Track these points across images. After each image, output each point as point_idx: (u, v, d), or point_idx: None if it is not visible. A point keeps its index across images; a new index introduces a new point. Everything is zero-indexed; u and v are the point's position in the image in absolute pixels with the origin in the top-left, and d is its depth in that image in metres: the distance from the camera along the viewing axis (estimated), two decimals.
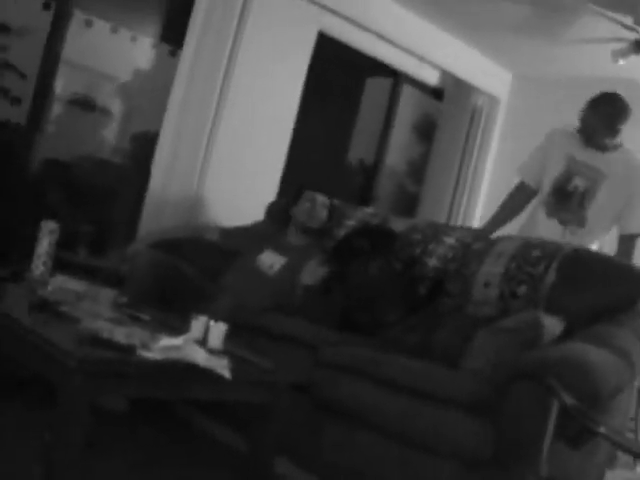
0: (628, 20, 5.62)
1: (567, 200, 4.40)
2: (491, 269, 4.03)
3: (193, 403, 3.75)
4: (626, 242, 4.44)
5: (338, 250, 4.52)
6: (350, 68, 7.00)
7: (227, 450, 3.69)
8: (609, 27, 5.74)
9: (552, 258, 3.91)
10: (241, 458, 3.29)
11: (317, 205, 4.71)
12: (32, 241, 3.67)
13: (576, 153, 4.45)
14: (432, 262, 4.31)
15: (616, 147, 4.40)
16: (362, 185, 7.26)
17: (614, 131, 4.35)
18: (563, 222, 4.43)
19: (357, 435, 3.36)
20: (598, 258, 4.05)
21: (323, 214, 4.72)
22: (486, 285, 4.00)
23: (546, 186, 4.54)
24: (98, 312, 3.05)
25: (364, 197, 7.16)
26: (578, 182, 4.36)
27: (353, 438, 3.37)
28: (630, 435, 5.03)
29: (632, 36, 5.67)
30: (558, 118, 7.08)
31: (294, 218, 4.72)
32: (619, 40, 5.79)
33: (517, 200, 4.84)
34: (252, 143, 5.73)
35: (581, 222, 4.39)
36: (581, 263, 3.92)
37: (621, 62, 5.85)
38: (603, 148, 4.40)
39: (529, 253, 3.99)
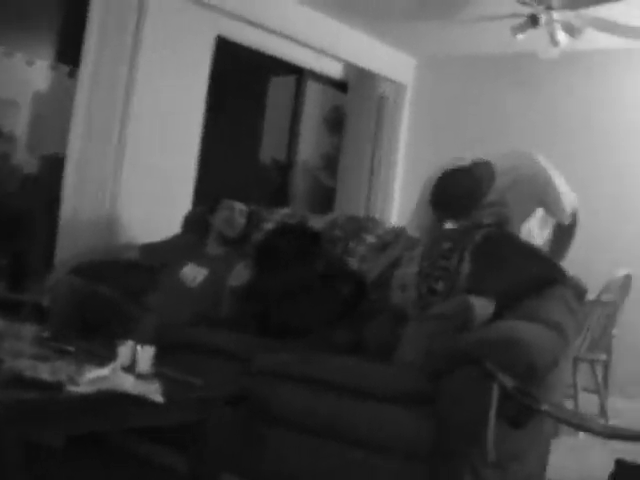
0: None
1: None
2: (405, 270, 4.03)
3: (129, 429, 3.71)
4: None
5: (259, 253, 4.50)
6: (253, 69, 6.98)
7: (169, 472, 3.64)
8: (505, 3, 5.81)
9: (464, 247, 3.92)
10: (184, 479, 3.26)
11: (235, 213, 4.69)
12: None
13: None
14: (353, 263, 4.32)
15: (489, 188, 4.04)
16: (277, 184, 7.25)
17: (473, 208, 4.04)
18: None
19: (297, 440, 3.37)
20: (507, 237, 4.04)
21: (242, 221, 4.69)
22: (402, 288, 4.00)
23: None
24: (21, 350, 2.98)
25: (280, 196, 7.15)
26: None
27: (294, 443, 3.38)
28: (569, 402, 5.11)
29: (527, 11, 5.76)
30: (465, 97, 7.22)
31: (213, 228, 4.69)
32: (516, 16, 5.87)
33: None
34: (161, 155, 5.67)
35: None
36: (492, 247, 3.93)
37: (520, 37, 5.94)
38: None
39: (440, 247, 3.99)
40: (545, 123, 6.81)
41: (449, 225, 4.15)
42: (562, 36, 5.89)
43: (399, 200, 7.61)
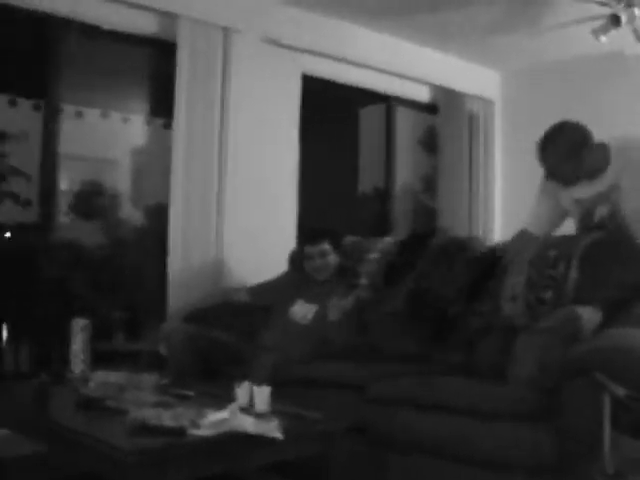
0: None
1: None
2: (514, 280, 4.01)
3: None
4: None
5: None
6: (342, 102, 7.05)
7: None
8: (583, 7, 5.76)
9: (570, 255, 3.88)
10: None
11: (316, 259, 4.71)
12: (66, 339, 3.72)
13: (572, 195, 4.10)
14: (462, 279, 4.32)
15: (607, 161, 3.95)
16: (378, 212, 7.27)
17: (580, 160, 3.94)
18: None
19: (420, 464, 3.39)
20: (614, 242, 3.98)
21: (326, 262, 4.70)
22: (513, 299, 3.98)
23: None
24: (143, 399, 3.09)
25: (382, 223, 7.17)
26: (599, 212, 4.00)
27: (417, 469, 3.39)
28: None
29: (607, 11, 5.70)
30: (555, 104, 7.14)
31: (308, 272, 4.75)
32: (596, 18, 5.81)
33: None
34: (260, 196, 5.77)
35: None
36: (599, 253, 3.89)
37: (603, 39, 5.86)
38: (593, 174, 3.98)
39: (546, 255, 3.96)
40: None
41: (565, 194, 4.11)
42: None
43: (500, 216, 7.56)
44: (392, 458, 3.48)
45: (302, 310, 4.54)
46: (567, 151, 3.92)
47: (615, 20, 5.64)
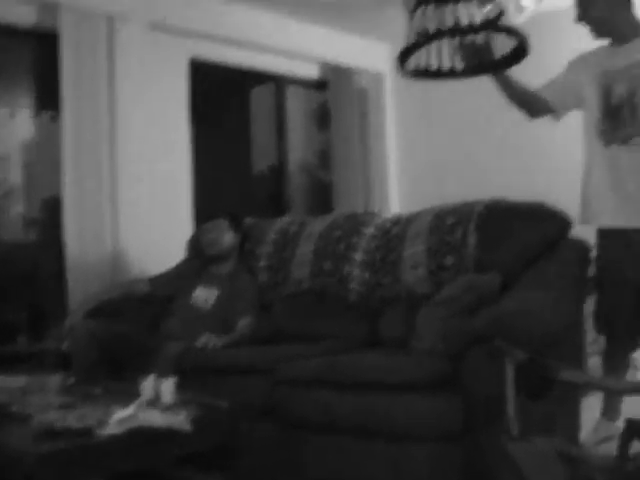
0: None
1: (618, 114, 3.73)
2: (414, 249, 4.10)
3: None
4: None
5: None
6: (232, 85, 7.02)
7: None
8: None
9: (468, 220, 4.00)
10: None
11: (211, 232, 4.74)
12: None
13: (602, 65, 3.82)
14: (359, 256, 4.37)
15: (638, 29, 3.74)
16: (273, 191, 7.29)
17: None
18: (625, 140, 3.72)
19: (334, 443, 3.42)
20: (510, 206, 4.12)
21: (220, 238, 4.72)
22: (413, 267, 4.07)
23: (592, 117, 3.90)
24: (48, 402, 3.05)
25: (278, 202, 7.19)
26: (619, 90, 3.72)
27: (331, 448, 3.43)
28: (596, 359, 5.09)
29: None
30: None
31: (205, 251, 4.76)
32: None
33: (534, 103, 4.10)
34: (153, 184, 5.69)
35: None
36: (496, 216, 4.02)
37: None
38: (623, 38, 3.76)
39: (444, 222, 4.07)
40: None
41: (592, 66, 3.89)
42: (528, 1, 5.94)
43: (397, 190, 7.63)
44: (306, 439, 3.50)
45: (203, 295, 4.55)
46: None
47: None
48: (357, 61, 7.42)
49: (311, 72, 7.30)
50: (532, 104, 4.07)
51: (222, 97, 6.88)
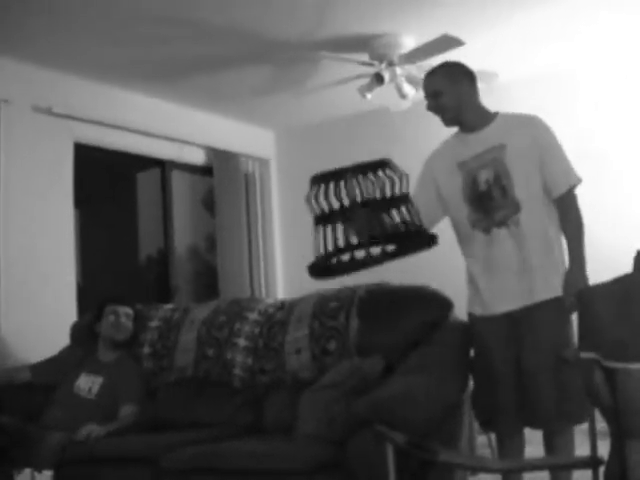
0: (364, 57, 5.98)
1: (489, 199, 3.62)
2: (297, 334, 4.14)
3: None
4: (562, 205, 3.64)
5: None
6: (118, 169, 7.03)
7: None
8: (349, 67, 6.08)
9: (350, 305, 4.07)
10: None
11: (121, 317, 4.68)
12: None
13: (461, 155, 3.74)
14: (242, 342, 4.38)
15: (490, 118, 3.75)
16: (160, 276, 7.26)
17: (457, 82, 3.71)
18: (500, 224, 3.59)
19: None
20: (391, 290, 4.21)
21: (129, 324, 4.70)
22: (297, 352, 4.11)
23: (460, 213, 3.74)
24: None
25: (164, 286, 7.16)
26: (484, 176, 3.63)
27: None
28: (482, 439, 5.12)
29: (372, 70, 6.03)
30: (326, 160, 7.37)
31: (101, 335, 4.69)
32: (361, 77, 6.15)
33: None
34: (38, 270, 5.66)
35: (516, 206, 3.57)
36: (377, 300, 4.11)
37: (369, 96, 6.19)
38: (476, 125, 3.74)
39: (327, 307, 4.13)
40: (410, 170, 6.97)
41: (447, 162, 3.79)
42: (408, 88, 6.16)
43: (282, 274, 7.72)
44: None
45: (87, 383, 4.47)
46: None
47: (379, 78, 5.98)
48: (242, 147, 7.56)
49: (197, 157, 7.37)
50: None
51: (108, 181, 6.88)
